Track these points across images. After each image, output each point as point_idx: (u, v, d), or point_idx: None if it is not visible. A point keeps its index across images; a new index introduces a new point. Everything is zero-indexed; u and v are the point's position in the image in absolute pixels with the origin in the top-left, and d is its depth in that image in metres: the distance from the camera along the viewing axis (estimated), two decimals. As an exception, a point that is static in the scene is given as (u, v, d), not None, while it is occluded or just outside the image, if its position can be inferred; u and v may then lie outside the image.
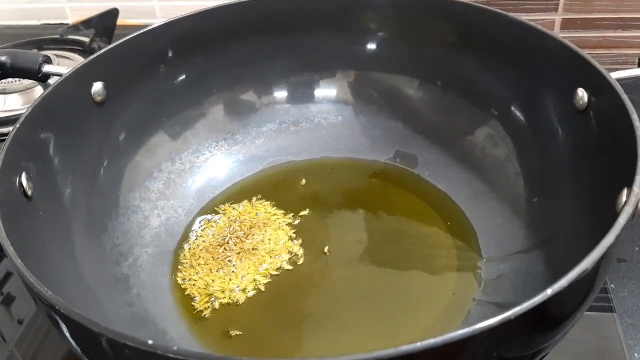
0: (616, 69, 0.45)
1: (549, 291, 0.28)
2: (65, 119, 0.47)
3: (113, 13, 0.80)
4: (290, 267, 0.49)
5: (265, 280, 0.48)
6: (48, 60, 0.50)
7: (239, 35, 0.56)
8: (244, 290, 0.48)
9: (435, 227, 0.51)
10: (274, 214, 0.54)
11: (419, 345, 0.27)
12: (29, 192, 0.41)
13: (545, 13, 0.74)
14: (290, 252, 0.50)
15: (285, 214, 0.54)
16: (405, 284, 0.47)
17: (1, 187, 0.38)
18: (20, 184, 0.40)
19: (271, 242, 0.51)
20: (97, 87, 0.49)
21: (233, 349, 0.43)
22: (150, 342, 0.27)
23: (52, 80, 0.52)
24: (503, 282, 0.45)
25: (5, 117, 0.68)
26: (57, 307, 0.30)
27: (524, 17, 0.64)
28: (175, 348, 0.27)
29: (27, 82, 0.71)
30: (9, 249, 0.33)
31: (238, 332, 0.45)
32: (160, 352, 0.27)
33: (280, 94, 0.60)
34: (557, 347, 0.41)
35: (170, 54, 0.54)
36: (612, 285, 0.47)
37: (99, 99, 0.49)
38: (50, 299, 0.30)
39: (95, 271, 0.45)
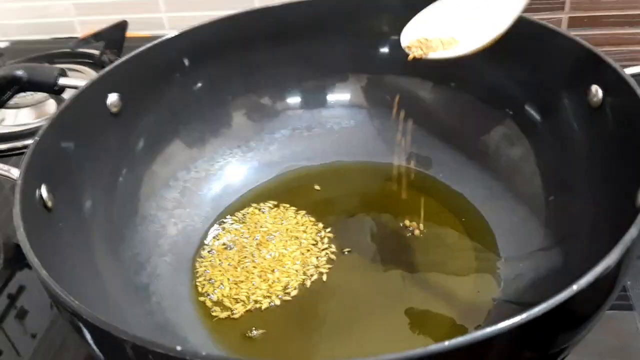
0: (625, 66, 0.45)
1: (575, 287, 0.28)
2: (82, 130, 0.47)
3: (122, 25, 0.80)
4: (309, 273, 0.49)
5: (285, 287, 0.48)
6: (63, 74, 0.50)
7: (252, 43, 0.57)
8: (264, 296, 0.48)
9: (453, 228, 0.51)
10: (290, 219, 0.54)
11: (446, 344, 0.27)
12: (50, 204, 0.41)
13: (552, 12, 0.74)
14: (309, 258, 0.50)
15: (300, 219, 0.54)
16: (425, 286, 0.47)
17: (23, 200, 0.38)
18: (41, 196, 0.41)
19: (289, 248, 0.51)
20: (113, 98, 0.49)
21: (255, 354, 0.43)
22: (178, 348, 0.27)
23: (66, 93, 0.52)
24: (522, 282, 0.45)
25: (18, 131, 0.69)
26: (84, 317, 0.30)
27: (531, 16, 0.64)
28: (204, 353, 0.27)
29: (38, 96, 0.72)
30: (34, 260, 0.34)
31: (259, 335, 0.45)
32: (189, 358, 0.27)
33: (294, 99, 0.60)
34: (576, 346, 0.41)
35: (184, 64, 0.54)
36: (629, 282, 0.47)
37: (114, 109, 0.50)
38: (76, 308, 0.31)
39: (116, 281, 0.45)
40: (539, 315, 0.28)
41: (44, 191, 0.41)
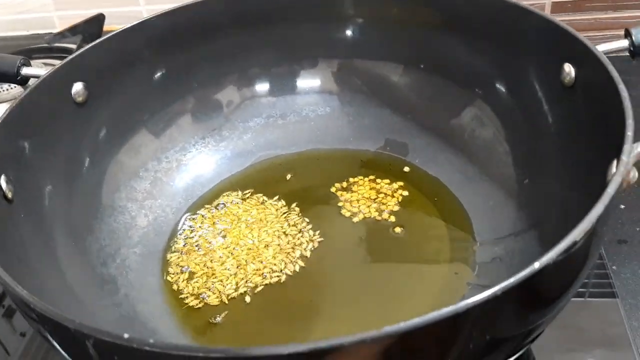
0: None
1: (537, 265, 0.28)
2: (44, 120, 0.46)
3: (99, 19, 0.80)
4: (284, 262, 0.49)
5: (257, 277, 0.48)
6: (27, 63, 0.49)
7: (218, 29, 0.56)
8: (236, 286, 0.47)
9: (428, 213, 0.51)
10: (264, 209, 0.53)
11: (402, 325, 0.26)
12: (9, 195, 0.41)
13: (535, -3, 0.74)
14: (284, 247, 0.50)
15: (275, 208, 0.53)
16: (399, 271, 0.47)
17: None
18: (0, 187, 0.40)
19: (262, 238, 0.51)
20: (78, 87, 0.49)
21: (223, 344, 0.43)
22: (125, 335, 0.26)
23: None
24: (498, 265, 0.45)
25: (-6, 127, 0.68)
26: (31, 306, 0.29)
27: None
28: (151, 341, 0.26)
29: (16, 91, 0.71)
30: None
31: (228, 326, 0.44)
32: (136, 346, 0.26)
33: (263, 86, 0.60)
34: (561, 334, 0.40)
35: (149, 51, 0.54)
36: (614, 267, 0.47)
37: (79, 99, 0.49)
38: (25, 298, 0.30)
39: (81, 273, 0.44)
40: (500, 293, 0.27)
41: (3, 182, 0.40)
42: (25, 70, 0.49)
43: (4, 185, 0.40)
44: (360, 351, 0.26)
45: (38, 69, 0.49)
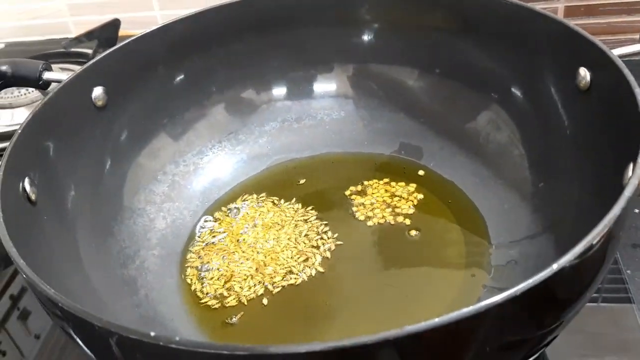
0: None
1: (555, 266, 0.28)
2: (66, 124, 0.47)
3: (115, 24, 0.80)
4: (301, 265, 0.49)
5: (274, 279, 0.48)
6: (48, 68, 0.50)
7: (236, 35, 0.56)
8: (253, 288, 0.47)
9: (443, 216, 0.51)
10: (281, 212, 0.54)
11: (423, 325, 0.26)
12: (33, 197, 0.41)
13: (548, 1, 0.74)
14: (300, 250, 0.50)
15: (293, 210, 0.54)
16: (415, 274, 0.47)
17: (4, 192, 0.38)
18: (24, 189, 0.41)
19: (279, 240, 0.51)
20: (98, 91, 0.49)
21: (237, 341, 0.43)
22: (152, 333, 0.27)
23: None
24: (513, 268, 0.45)
25: (13, 130, 0.69)
26: (59, 304, 0.30)
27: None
28: (177, 339, 0.27)
29: (33, 95, 0.72)
30: (12, 250, 0.33)
31: (244, 327, 0.45)
32: (163, 344, 0.27)
33: (280, 91, 0.60)
34: (575, 339, 0.40)
35: (168, 56, 0.54)
36: (629, 272, 0.47)
37: (99, 103, 0.50)
38: (52, 296, 0.30)
39: (102, 274, 0.45)
40: (519, 293, 0.27)
41: (27, 184, 0.41)
42: (47, 75, 0.50)
43: (27, 188, 0.41)
44: (381, 350, 0.26)
45: (59, 74, 0.50)
